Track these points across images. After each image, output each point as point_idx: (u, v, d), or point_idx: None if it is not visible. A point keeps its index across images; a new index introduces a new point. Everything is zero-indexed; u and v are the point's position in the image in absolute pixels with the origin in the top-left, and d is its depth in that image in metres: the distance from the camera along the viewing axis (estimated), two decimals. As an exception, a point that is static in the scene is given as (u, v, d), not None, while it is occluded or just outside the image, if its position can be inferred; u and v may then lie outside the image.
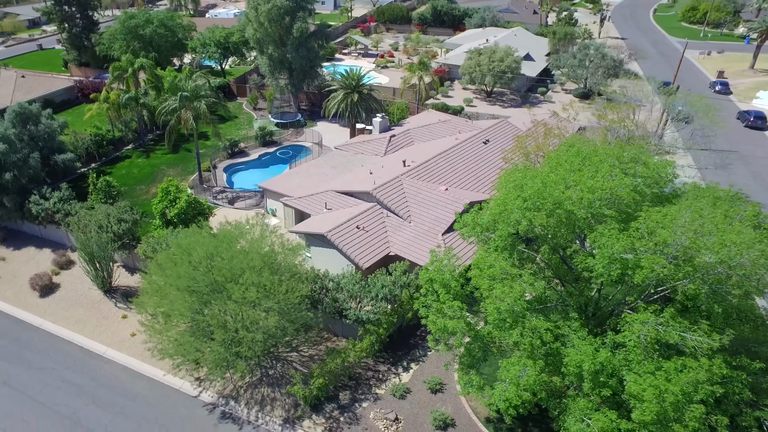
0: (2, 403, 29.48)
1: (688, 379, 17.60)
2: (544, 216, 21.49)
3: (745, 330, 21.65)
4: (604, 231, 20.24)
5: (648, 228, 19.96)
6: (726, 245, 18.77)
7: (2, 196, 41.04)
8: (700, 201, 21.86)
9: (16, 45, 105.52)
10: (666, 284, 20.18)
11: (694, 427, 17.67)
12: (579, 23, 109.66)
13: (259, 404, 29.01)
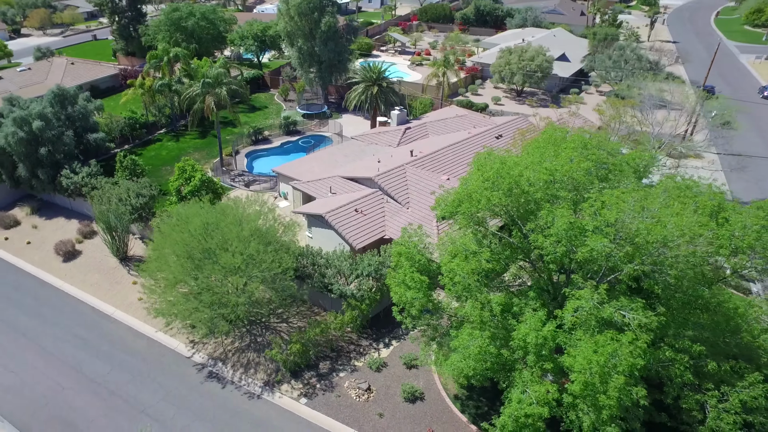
0: (18, 351, 32.93)
1: (611, 350, 18.53)
2: (501, 195, 22.75)
3: (703, 317, 22.05)
4: (552, 210, 21.35)
5: (595, 209, 20.94)
6: (664, 226, 19.57)
7: (37, 169, 45.18)
8: (657, 188, 22.58)
9: (73, 35, 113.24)
10: (618, 267, 21.02)
11: (616, 397, 18.57)
12: (625, 25, 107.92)
13: (244, 367, 31.30)
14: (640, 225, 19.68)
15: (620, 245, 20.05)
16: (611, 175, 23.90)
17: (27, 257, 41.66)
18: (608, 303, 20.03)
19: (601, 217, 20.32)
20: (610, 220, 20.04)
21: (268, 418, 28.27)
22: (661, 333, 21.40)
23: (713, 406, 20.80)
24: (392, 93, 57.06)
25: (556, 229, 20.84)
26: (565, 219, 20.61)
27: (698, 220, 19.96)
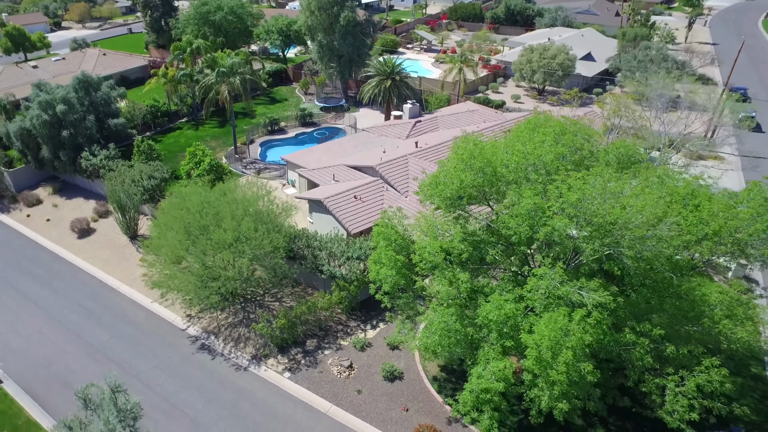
0: (28, 317, 35.26)
1: (561, 325, 19.11)
2: (473, 175, 23.53)
3: (672, 303, 22.27)
4: (519, 191, 22.03)
5: (560, 191, 21.50)
6: (623, 208, 20.04)
7: (59, 151, 47.92)
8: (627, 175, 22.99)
9: (111, 29, 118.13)
10: (580, 248, 21.55)
11: (565, 372, 19.11)
12: (662, 26, 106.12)
13: (234, 341, 32.79)
14: (600, 206, 20.17)
15: (581, 226, 20.57)
16: (586, 161, 24.35)
17: (45, 233, 44.29)
18: (567, 283, 20.57)
19: (564, 198, 20.86)
20: (571, 201, 20.58)
21: (251, 389, 29.63)
22: (623, 315, 21.84)
23: (671, 390, 21.09)
24: (405, 87, 58.04)
25: (520, 209, 21.51)
26: (529, 199, 21.26)
27: (665, 205, 20.32)
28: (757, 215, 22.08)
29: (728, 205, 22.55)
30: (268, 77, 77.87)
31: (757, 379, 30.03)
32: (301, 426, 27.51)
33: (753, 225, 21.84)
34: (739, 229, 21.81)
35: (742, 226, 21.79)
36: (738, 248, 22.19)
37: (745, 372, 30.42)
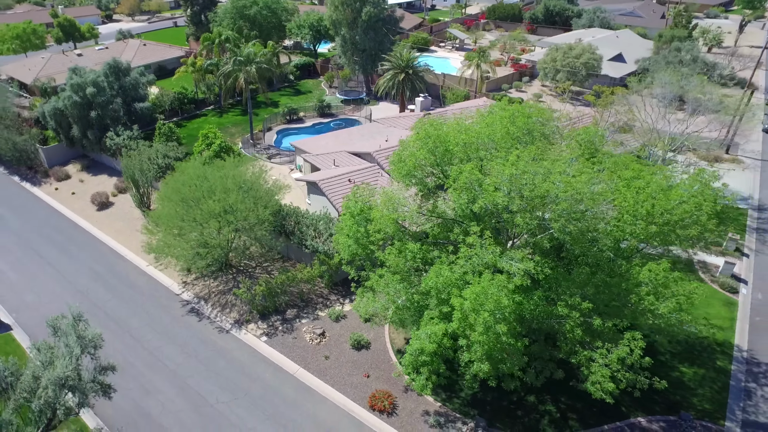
0: (43, 277, 39.14)
1: (480, 289, 20.72)
2: (426, 152, 25.38)
3: (597, 278, 23.34)
4: (460, 166, 23.73)
5: (497, 167, 23.07)
6: (552, 183, 21.48)
7: (87, 130, 52.19)
8: (566, 156, 24.31)
9: (158, 22, 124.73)
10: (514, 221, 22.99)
11: (481, 331, 20.69)
12: (706, 28, 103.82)
13: (221, 307, 35.57)
14: (529, 180, 21.66)
15: (512, 199, 22.08)
16: (538, 141, 25.76)
17: (69, 205, 48.52)
18: (499, 253, 22.14)
19: (501, 173, 22.42)
20: (505, 175, 22.14)
21: (229, 349, 32.26)
22: (561, 290, 23.15)
23: (596, 362, 22.28)
24: (419, 80, 59.85)
25: (459, 183, 23.21)
26: (467, 174, 22.94)
27: (586, 180, 21.63)
28: (689, 197, 23.02)
29: (664, 188, 23.53)
30: (296, 70, 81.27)
31: (720, 371, 30.50)
32: (268, 384, 29.90)
33: (681, 206, 22.78)
34: (671, 211, 22.77)
35: (672, 207, 22.76)
36: (669, 228, 23.10)
37: (709, 364, 30.94)
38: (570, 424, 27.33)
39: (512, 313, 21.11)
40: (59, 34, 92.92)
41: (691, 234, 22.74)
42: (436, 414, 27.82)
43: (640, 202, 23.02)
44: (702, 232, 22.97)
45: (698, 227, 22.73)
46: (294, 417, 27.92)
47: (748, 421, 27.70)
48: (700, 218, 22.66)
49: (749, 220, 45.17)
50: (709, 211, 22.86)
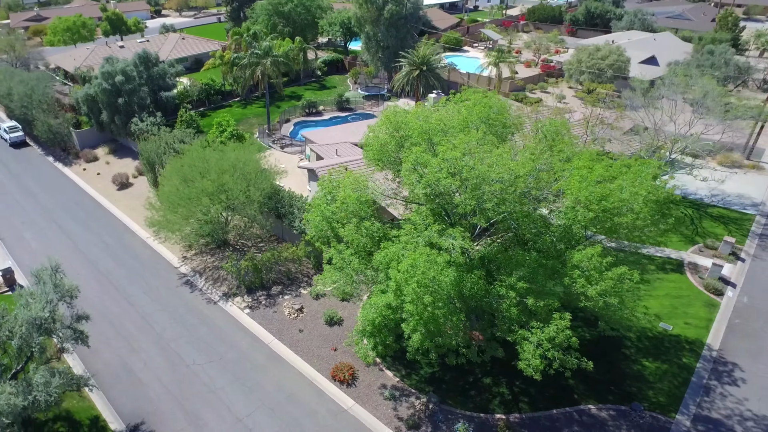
0: (59, 246, 43.01)
1: (411, 261, 22.38)
2: (387, 136, 27.24)
3: (532, 259, 24.50)
4: (410, 148, 25.47)
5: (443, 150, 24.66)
6: (490, 166, 22.95)
7: (115, 116, 56.35)
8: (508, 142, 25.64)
9: (203, 17, 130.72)
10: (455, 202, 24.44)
11: (410, 301, 22.34)
12: (763, 31, 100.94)
13: (213, 281, 38.35)
14: (468, 162, 23.19)
15: (453, 180, 23.64)
16: (493, 128, 27.21)
17: (93, 184, 52.70)
18: (438, 231, 23.78)
19: (445, 153, 24.02)
20: (447, 157, 23.75)
21: (213, 318, 34.95)
22: (497, 269, 24.58)
23: (528, 341, 23.52)
24: (433, 77, 61.45)
25: (407, 164, 24.96)
26: (414, 155, 24.67)
27: (522, 164, 23.00)
28: (629, 186, 23.98)
29: (606, 177, 24.54)
30: (324, 66, 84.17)
31: (684, 368, 30.96)
32: (242, 350, 32.37)
33: (618, 194, 23.76)
34: (606, 198, 23.76)
35: (609, 194, 23.74)
36: (606, 215, 24.07)
37: (674, 361, 31.42)
38: (520, 406, 28.53)
39: (447, 287, 22.57)
40: (107, 28, 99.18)
41: (624, 221, 23.67)
42: (393, 388, 29.57)
43: (582, 189, 24.11)
44: (635, 220, 23.82)
45: (632, 215, 23.63)
46: (260, 381, 30.24)
47: (700, 415, 28.17)
48: (633, 207, 23.58)
49: (755, 226, 44.70)
50: (644, 201, 23.71)
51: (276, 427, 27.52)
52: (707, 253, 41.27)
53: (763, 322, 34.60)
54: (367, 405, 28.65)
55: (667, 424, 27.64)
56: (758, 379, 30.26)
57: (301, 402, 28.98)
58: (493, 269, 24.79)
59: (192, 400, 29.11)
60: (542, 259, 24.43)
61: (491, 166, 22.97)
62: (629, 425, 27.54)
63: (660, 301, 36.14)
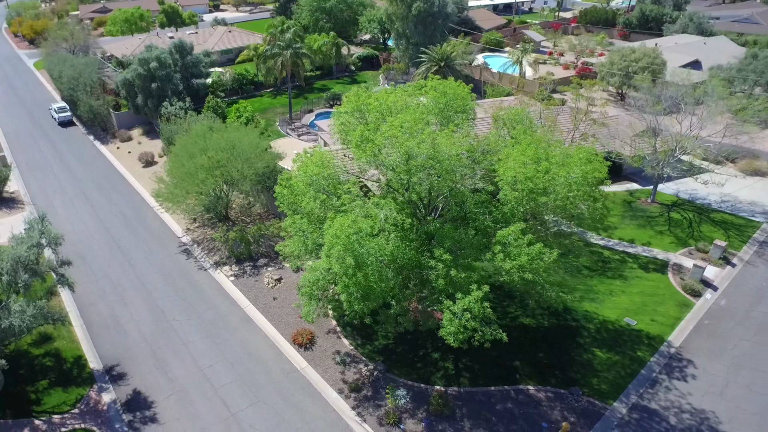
0: (82, 213, 48.03)
1: (339, 225, 24.72)
2: (348, 116, 29.80)
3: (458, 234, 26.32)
4: (357, 128, 27.88)
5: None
6: (418, 142, 25.04)
7: (148, 99, 61.45)
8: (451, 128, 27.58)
9: (259, 13, 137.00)
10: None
11: (333, 263, 24.70)
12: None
13: (208, 250, 41.99)
14: (403, 141, 25.36)
15: (403, 161, 25.83)
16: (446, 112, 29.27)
17: (122, 161, 57.95)
18: (375, 203, 26.10)
19: (387, 132, 26.26)
20: (387, 136, 25.99)
21: (200, 282, 38.50)
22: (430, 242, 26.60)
23: (449, 311, 25.33)
24: (451, 74, 63.16)
25: (353, 142, 27.39)
26: (359, 132, 27.09)
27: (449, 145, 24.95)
28: (555, 168, 25.41)
29: (535, 158, 26.02)
30: (358, 62, 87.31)
31: (636, 361, 31.74)
32: (219, 312, 35.68)
33: (542, 175, 25.19)
34: (532, 179, 25.26)
35: (534, 175, 25.21)
36: (532, 195, 25.54)
37: (629, 353, 32.24)
38: (460, 381, 30.29)
39: (374, 253, 24.77)
40: (163, 20, 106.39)
41: (543, 200, 25.12)
42: (346, 354, 31.99)
43: (510, 169, 25.76)
44: (554, 200, 25.18)
45: (553, 196, 25.06)
46: (228, 338, 33.39)
47: (638, 405, 29.02)
48: (555, 188, 25.01)
49: (758, 233, 44.12)
50: (565, 181, 25.08)
51: (231, 377, 30.54)
52: (697, 256, 41.25)
53: (734, 324, 34.68)
54: (318, 367, 31.21)
55: (602, 410, 28.68)
56: (709, 377, 30.68)
57: (259, 360, 31.89)
58: (434, 244, 26.74)
59: (164, 350, 32.60)
60: (473, 235, 26.23)
61: (420, 143, 25.01)
62: (563, 407, 28.77)
63: (632, 298, 36.78)
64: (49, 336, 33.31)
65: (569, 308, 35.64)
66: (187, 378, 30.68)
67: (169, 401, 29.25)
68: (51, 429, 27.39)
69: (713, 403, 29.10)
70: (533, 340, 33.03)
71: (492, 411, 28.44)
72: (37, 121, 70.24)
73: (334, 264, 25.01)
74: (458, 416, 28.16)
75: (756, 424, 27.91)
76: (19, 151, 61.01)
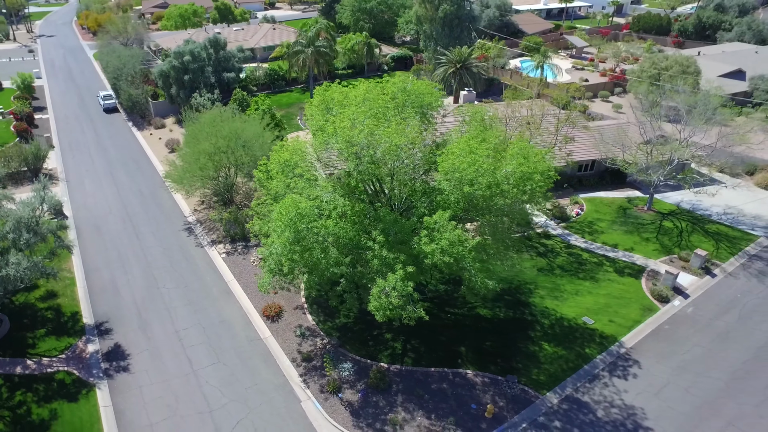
0: (105, 192, 53.46)
1: (281, 205, 27.86)
2: (317, 109, 33.02)
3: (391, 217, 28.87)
4: (313, 117, 31.06)
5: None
6: (359, 131, 27.90)
7: (180, 90, 66.85)
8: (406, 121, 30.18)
9: (311, 12, 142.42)
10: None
11: (276, 237, 27.87)
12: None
13: (209, 230, 46.23)
14: (349, 131, 28.28)
15: (344, 148, 28.79)
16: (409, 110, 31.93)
17: (152, 147, 63.56)
18: (324, 187, 29.19)
19: (335, 124, 29.28)
20: (337, 126, 28.98)
21: (194, 256, 42.71)
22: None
23: (377, 288, 27.95)
24: (468, 76, 65.29)
25: (312, 128, 30.55)
26: (315, 120, 30.25)
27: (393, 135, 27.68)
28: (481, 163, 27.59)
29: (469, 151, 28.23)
30: (391, 62, 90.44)
31: (582, 357, 33.31)
32: (205, 284, 39.67)
33: (468, 166, 27.39)
34: (462, 170, 27.52)
35: (465, 167, 27.45)
36: (458, 184, 27.79)
37: (576, 349, 33.81)
38: (404, 360, 32.83)
39: (313, 230, 27.78)
40: (216, 16, 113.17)
41: (467, 190, 27.32)
42: (307, 329, 35.16)
43: (446, 161, 28.17)
44: (477, 190, 27.27)
45: (476, 186, 27.20)
46: (206, 307, 37.28)
47: (572, 397, 30.67)
48: (478, 179, 27.17)
49: (751, 246, 44.20)
50: (488, 173, 27.22)
51: (200, 340, 34.34)
52: (677, 264, 41.90)
53: (693, 331, 35.49)
54: (279, 338, 34.54)
55: (533, 398, 30.53)
56: (650, 378, 31.88)
57: (229, 327, 35.56)
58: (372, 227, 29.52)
59: (149, 312, 36.83)
60: (410, 221, 28.82)
61: (360, 132, 27.83)
62: (496, 392, 30.81)
63: (596, 299, 38.13)
64: (55, 293, 38.25)
65: (529, 303, 37.54)
66: (162, 337, 34.71)
67: (143, 355, 33.32)
68: (39, 369, 31.97)
69: (646, 402, 30.37)
70: (485, 330, 35.13)
71: (426, 389, 30.84)
72: (86, 107, 77.39)
73: (275, 239, 28.24)
74: (393, 391, 30.75)
75: (679, 423, 29.08)
76: (65, 133, 67.82)
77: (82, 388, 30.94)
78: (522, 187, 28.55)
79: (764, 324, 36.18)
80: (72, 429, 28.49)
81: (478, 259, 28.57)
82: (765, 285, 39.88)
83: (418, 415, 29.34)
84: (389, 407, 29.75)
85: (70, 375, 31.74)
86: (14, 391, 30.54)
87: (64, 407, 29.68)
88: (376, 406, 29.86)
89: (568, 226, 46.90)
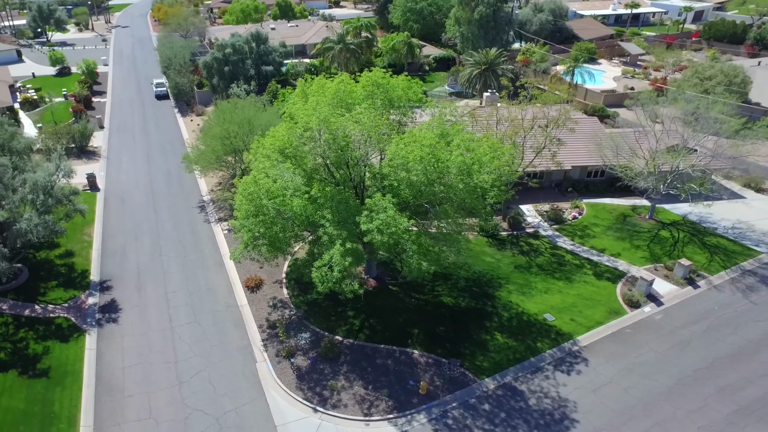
0: (138, 169, 59.54)
1: (243, 183, 31.56)
2: (295, 97, 36.68)
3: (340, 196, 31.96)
4: (286, 105, 34.61)
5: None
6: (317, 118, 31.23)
7: (221, 81, 72.57)
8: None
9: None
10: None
11: (239, 208, 31.62)
12: None
13: (218, 209, 50.99)
14: (310, 119, 31.70)
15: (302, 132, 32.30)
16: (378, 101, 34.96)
17: (189, 131, 69.45)
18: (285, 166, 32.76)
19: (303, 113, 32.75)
20: (304, 114, 32.45)
21: (200, 232, 47.49)
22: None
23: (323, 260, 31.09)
24: (493, 77, 67.00)
25: (286, 115, 34.16)
26: (288, 107, 33.86)
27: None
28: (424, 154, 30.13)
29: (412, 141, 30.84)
30: (433, 62, 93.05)
31: (530, 349, 35.12)
32: (202, 255, 44.27)
33: (403, 152, 29.96)
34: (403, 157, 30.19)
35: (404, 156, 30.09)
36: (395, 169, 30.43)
37: (529, 342, 35.60)
38: (358, 336, 35.81)
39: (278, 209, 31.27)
40: (276, 12, 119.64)
41: (403, 175, 29.94)
42: (279, 301, 38.86)
43: (392, 149, 30.98)
44: (411, 176, 29.78)
45: (412, 173, 29.76)
46: (198, 275, 41.78)
47: (509, 385, 32.63)
48: (408, 165, 29.74)
49: (749, 262, 44.01)
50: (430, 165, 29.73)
51: (185, 301, 38.81)
52: (660, 273, 42.43)
53: (654, 337, 36.37)
54: (253, 307, 38.41)
55: (471, 382, 32.70)
56: (594, 375, 33.33)
57: (213, 294, 39.84)
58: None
59: (146, 276, 41.75)
60: (354, 201, 31.88)
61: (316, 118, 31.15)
62: (435, 373, 33.21)
63: (564, 298, 39.57)
64: (72, 253, 43.98)
65: (495, 296, 39.49)
66: (153, 297, 39.44)
67: (133, 311, 38.13)
68: (44, 313, 37.41)
69: (581, 396, 31.88)
70: (442, 316, 37.50)
71: (371, 363, 33.71)
72: (142, 93, 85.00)
73: (237, 212, 32.08)
74: (341, 361, 33.82)
75: (608, 418, 30.45)
76: (116, 116, 75.24)
77: (75, 332, 36.02)
78: (465, 179, 30.85)
79: (731, 336, 36.46)
80: (58, 363, 33.50)
81: (418, 242, 31.14)
82: (748, 300, 39.83)
83: (357, 384, 32.27)
84: (333, 375, 32.87)
85: (68, 321, 36.93)
86: (19, 329, 36.03)
87: (56, 346, 34.80)
88: (322, 372, 33.06)
89: (560, 229, 48.13)
